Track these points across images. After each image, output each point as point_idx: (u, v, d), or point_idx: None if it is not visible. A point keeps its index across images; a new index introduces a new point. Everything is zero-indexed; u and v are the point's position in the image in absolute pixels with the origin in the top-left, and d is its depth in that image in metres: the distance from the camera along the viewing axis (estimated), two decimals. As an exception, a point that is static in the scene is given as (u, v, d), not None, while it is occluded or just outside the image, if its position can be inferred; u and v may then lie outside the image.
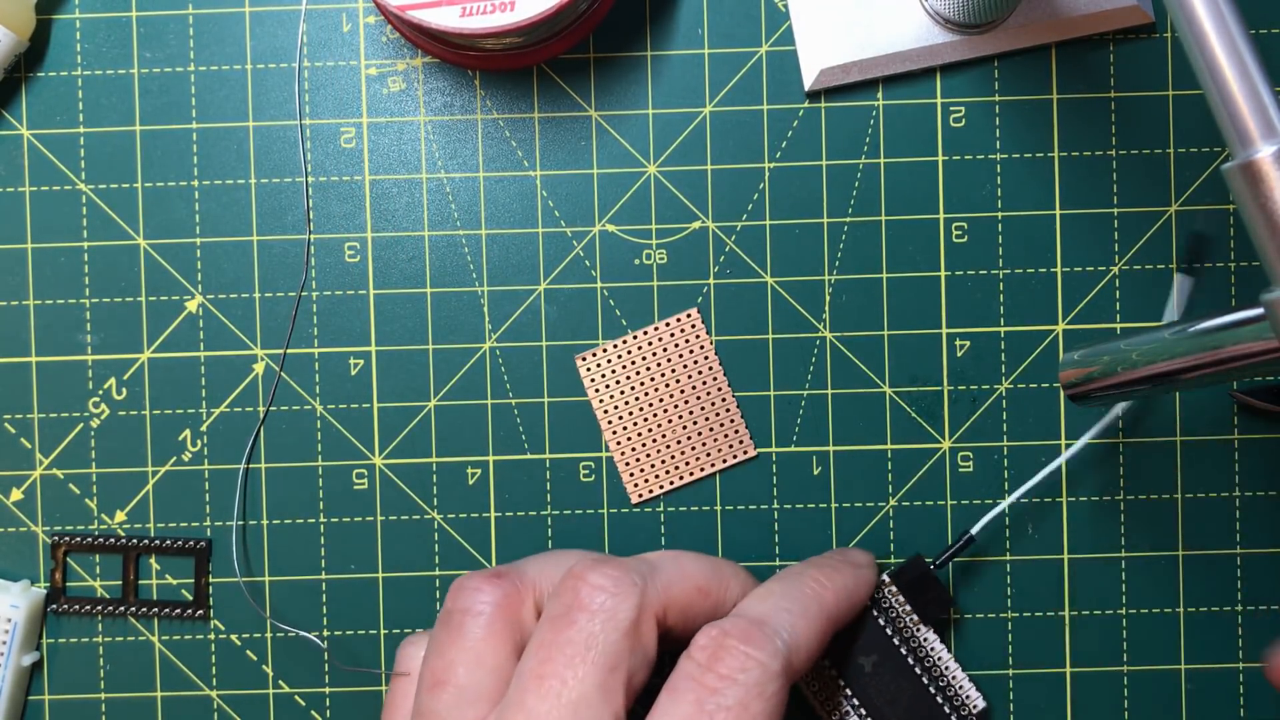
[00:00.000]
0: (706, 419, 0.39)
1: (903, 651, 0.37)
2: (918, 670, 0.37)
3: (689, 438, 0.39)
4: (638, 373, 0.39)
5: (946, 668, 0.37)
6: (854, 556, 0.37)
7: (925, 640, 0.37)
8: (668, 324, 0.39)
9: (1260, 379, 0.39)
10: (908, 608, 0.37)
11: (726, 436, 0.39)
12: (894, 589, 0.37)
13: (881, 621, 0.37)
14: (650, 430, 0.39)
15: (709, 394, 0.39)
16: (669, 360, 0.39)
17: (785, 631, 0.32)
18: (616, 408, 0.39)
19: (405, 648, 0.36)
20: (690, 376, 0.39)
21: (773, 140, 0.39)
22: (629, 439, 0.39)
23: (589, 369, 0.39)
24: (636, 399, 0.39)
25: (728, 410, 0.39)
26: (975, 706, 0.37)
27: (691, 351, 0.39)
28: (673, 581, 0.33)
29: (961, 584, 0.39)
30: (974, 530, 0.37)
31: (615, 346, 0.39)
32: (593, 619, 0.31)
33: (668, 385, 0.39)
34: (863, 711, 0.37)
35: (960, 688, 0.37)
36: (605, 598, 0.31)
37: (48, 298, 0.40)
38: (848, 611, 0.35)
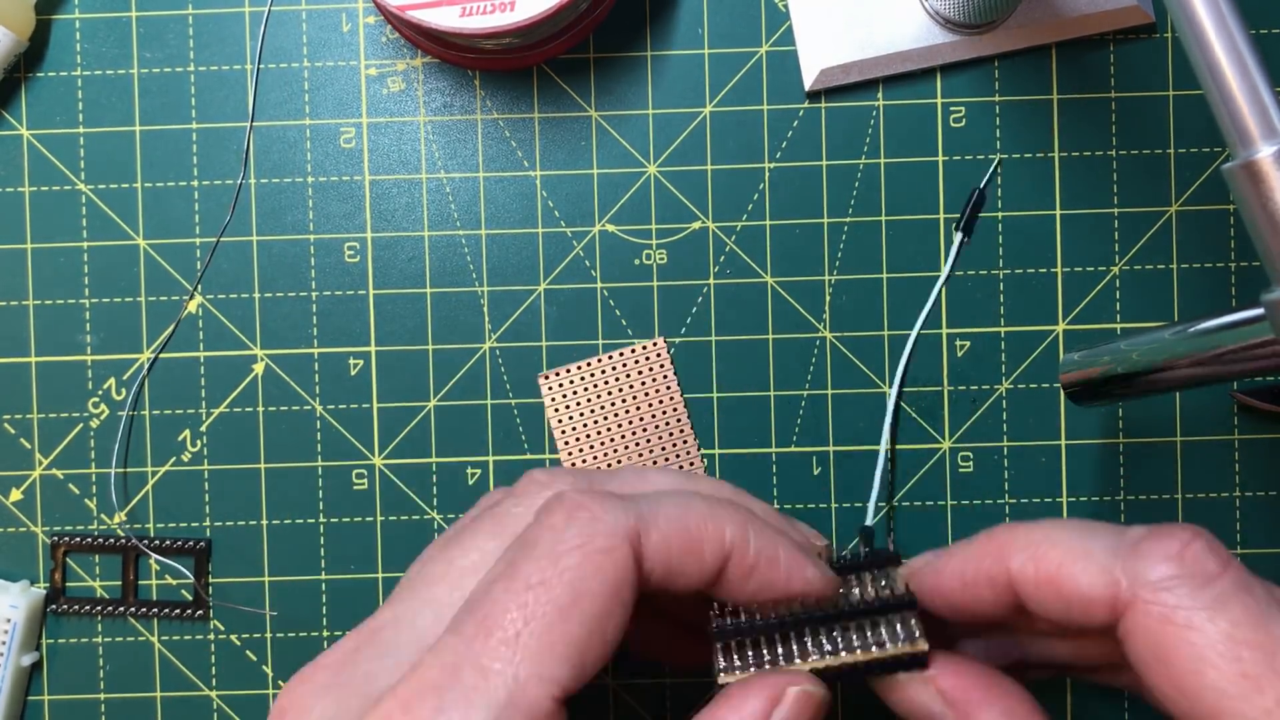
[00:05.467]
0: (662, 446, 0.39)
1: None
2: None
3: (641, 458, 0.39)
4: (598, 396, 0.39)
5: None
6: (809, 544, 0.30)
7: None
8: (632, 350, 0.39)
9: (1260, 379, 0.39)
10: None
11: (680, 457, 0.39)
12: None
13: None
14: (606, 455, 0.39)
15: (667, 423, 0.39)
16: (630, 386, 0.39)
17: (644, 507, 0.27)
18: (575, 429, 0.39)
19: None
20: (651, 405, 0.39)
21: (773, 140, 0.39)
22: (584, 461, 0.39)
23: (550, 388, 0.39)
24: (595, 421, 0.39)
25: (683, 435, 0.39)
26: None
27: (654, 380, 0.39)
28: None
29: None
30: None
31: (579, 368, 0.39)
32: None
33: (627, 411, 0.39)
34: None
35: None
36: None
37: (48, 298, 0.40)
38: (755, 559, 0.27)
